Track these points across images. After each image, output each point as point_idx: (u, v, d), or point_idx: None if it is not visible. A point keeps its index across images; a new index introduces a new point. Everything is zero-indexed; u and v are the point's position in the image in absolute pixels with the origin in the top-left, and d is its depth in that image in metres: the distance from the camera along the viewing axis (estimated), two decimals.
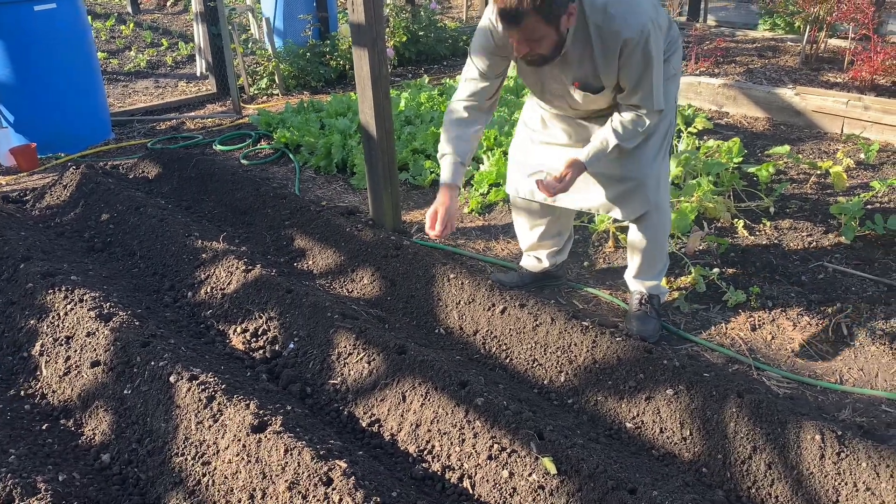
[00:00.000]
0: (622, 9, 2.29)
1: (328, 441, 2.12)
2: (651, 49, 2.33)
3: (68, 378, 2.55)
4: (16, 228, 3.58)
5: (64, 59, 5.07)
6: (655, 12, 2.38)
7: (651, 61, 2.35)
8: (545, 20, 2.18)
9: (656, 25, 2.35)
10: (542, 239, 3.04)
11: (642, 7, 2.33)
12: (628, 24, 2.28)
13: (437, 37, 7.73)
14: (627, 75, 2.40)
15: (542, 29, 2.21)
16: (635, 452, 2.24)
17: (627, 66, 2.37)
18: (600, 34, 2.32)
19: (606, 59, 2.37)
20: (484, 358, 2.71)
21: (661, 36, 2.43)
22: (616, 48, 2.32)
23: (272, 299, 2.89)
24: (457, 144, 2.59)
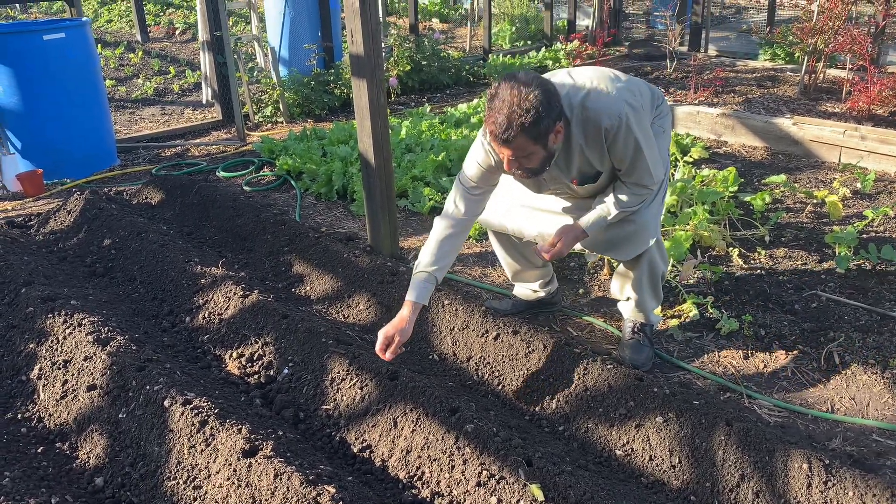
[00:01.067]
0: (598, 101, 2.37)
1: (318, 466, 2.13)
2: (634, 131, 2.39)
3: (65, 402, 2.58)
4: (19, 253, 3.63)
5: (71, 86, 5.17)
6: (631, 95, 2.44)
7: (638, 142, 2.42)
8: (533, 140, 2.27)
9: (634, 107, 2.41)
10: (528, 270, 3.07)
11: (616, 94, 2.40)
12: (605, 113, 2.36)
13: (440, 66, 7.83)
14: (619, 159, 2.47)
15: (530, 147, 2.29)
16: (624, 480, 2.25)
17: (616, 151, 2.44)
18: (583, 130, 2.41)
19: (595, 150, 2.45)
20: (477, 384, 2.73)
21: (645, 113, 2.51)
22: (600, 138, 2.40)
23: (268, 325, 2.92)
24: (440, 263, 2.61)
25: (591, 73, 2.45)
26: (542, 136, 2.27)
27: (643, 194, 2.57)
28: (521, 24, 10.12)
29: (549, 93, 2.24)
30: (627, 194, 2.55)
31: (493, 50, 8.99)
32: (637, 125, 2.40)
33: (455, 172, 4.72)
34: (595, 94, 2.38)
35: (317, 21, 7.34)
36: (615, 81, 2.45)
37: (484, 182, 2.60)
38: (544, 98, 2.21)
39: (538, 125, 2.22)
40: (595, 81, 2.41)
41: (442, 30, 11.23)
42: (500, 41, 9.84)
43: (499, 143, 2.30)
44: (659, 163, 2.54)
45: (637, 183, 2.53)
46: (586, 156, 2.47)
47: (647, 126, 2.48)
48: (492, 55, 8.46)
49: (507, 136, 2.23)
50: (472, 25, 9.91)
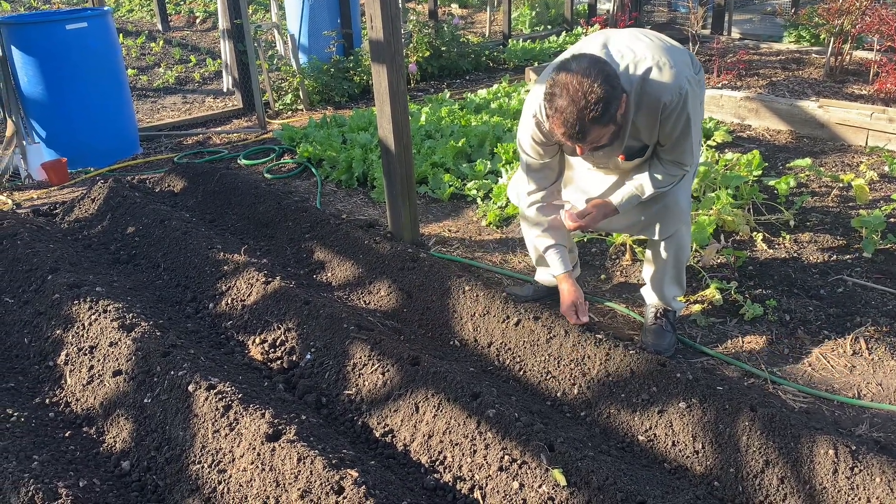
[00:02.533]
0: (660, 76, 2.31)
1: (341, 450, 2.15)
2: (689, 108, 2.35)
3: (91, 387, 2.61)
4: (45, 241, 3.68)
5: (94, 76, 5.21)
6: (689, 69, 2.38)
7: (689, 120, 2.37)
8: (604, 125, 2.23)
9: (694, 82, 2.36)
10: None
11: (678, 67, 2.33)
12: (667, 87, 2.31)
13: (459, 52, 7.80)
14: (667, 134, 2.43)
15: (603, 131, 2.26)
16: (647, 465, 2.24)
17: (667, 127, 2.39)
18: (640, 103, 2.34)
19: (647, 123, 2.40)
20: (498, 370, 2.72)
21: (700, 88, 2.46)
22: (657, 112, 2.35)
23: (290, 311, 2.94)
24: (552, 233, 2.73)
25: (648, 43, 2.37)
26: (612, 118, 2.23)
27: (677, 174, 2.54)
28: (542, 8, 10.04)
29: (609, 76, 2.19)
30: (662, 173, 2.52)
31: (512, 35, 8.94)
32: (693, 102, 2.36)
33: (475, 158, 4.70)
34: (657, 69, 2.31)
35: (336, 8, 7.33)
36: (675, 52, 2.39)
37: (547, 152, 2.60)
38: (607, 84, 2.17)
39: (607, 112, 2.18)
40: (656, 53, 2.34)
41: (461, 15, 11.16)
42: (519, 26, 9.78)
43: (573, 141, 2.27)
44: (699, 142, 2.50)
45: (675, 161, 2.50)
46: (636, 127, 2.41)
47: (698, 103, 2.43)
48: (511, 40, 8.41)
49: (582, 133, 2.21)
50: (492, 10, 9.85)
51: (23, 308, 3.14)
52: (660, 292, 2.84)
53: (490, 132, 4.80)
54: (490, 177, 4.42)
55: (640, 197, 2.58)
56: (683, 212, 2.64)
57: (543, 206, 2.73)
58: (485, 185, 4.28)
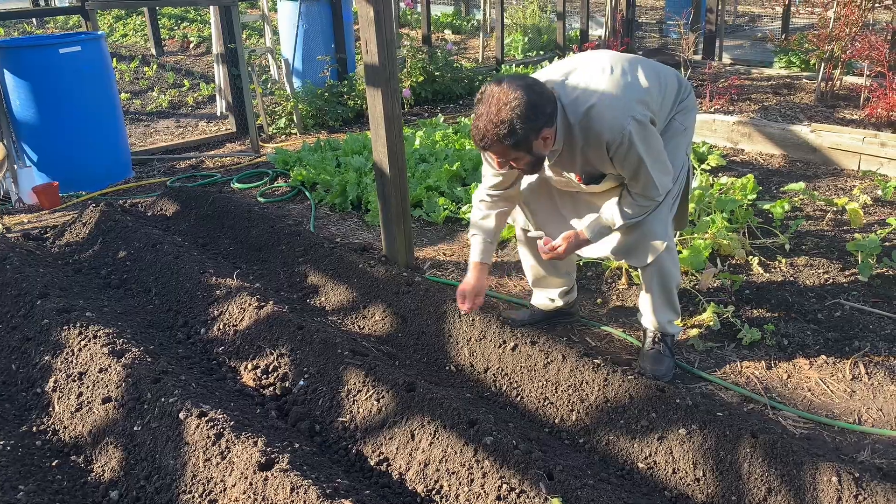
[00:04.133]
0: (602, 111, 2.35)
1: (335, 479, 2.10)
2: (637, 146, 2.36)
3: (80, 414, 2.56)
4: (35, 265, 3.64)
5: (87, 100, 5.19)
6: (642, 106, 2.39)
7: (641, 158, 2.39)
8: (512, 148, 2.31)
9: (641, 122, 2.37)
10: (550, 276, 3.03)
11: (623, 106, 2.36)
12: (608, 127, 2.35)
13: (453, 77, 7.83)
14: (622, 169, 2.47)
15: (511, 153, 2.34)
16: (647, 493, 2.20)
17: (619, 163, 2.43)
18: (585, 136, 2.40)
19: (597, 156, 2.45)
20: (494, 396, 2.69)
21: (658, 122, 2.49)
22: (602, 147, 2.40)
23: (283, 336, 2.90)
24: (484, 224, 2.78)
25: (607, 77, 2.40)
26: (521, 145, 2.29)
27: (648, 205, 2.55)
28: (534, 34, 10.12)
29: (531, 104, 2.23)
30: (631, 206, 2.54)
31: (505, 60, 8.99)
32: (641, 140, 2.37)
33: (469, 182, 4.69)
34: (601, 105, 2.35)
35: (330, 33, 7.36)
36: (630, 89, 2.40)
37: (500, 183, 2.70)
38: (525, 110, 2.22)
39: (513, 136, 2.25)
40: (607, 88, 2.37)
41: (454, 41, 11.23)
42: (512, 52, 9.84)
43: (480, 149, 2.39)
44: (666, 173, 2.50)
45: (642, 194, 2.51)
46: (588, 158, 2.47)
47: (653, 140, 2.43)
48: (504, 65, 8.45)
49: (483, 144, 2.32)
50: (485, 36, 9.92)
51: (11, 333, 3.09)
52: (653, 317, 2.82)
53: None
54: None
55: (610, 228, 2.60)
56: (659, 239, 2.62)
57: (489, 203, 2.77)
58: None
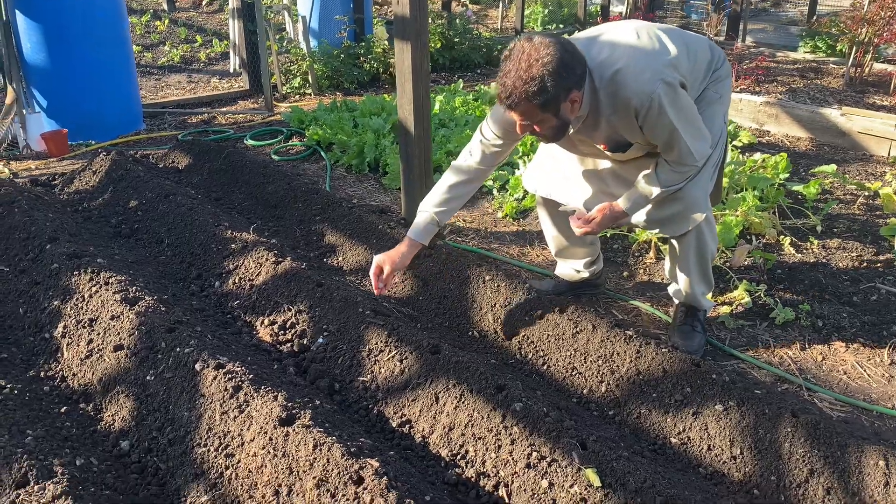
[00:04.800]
0: (629, 75, 2.22)
1: (358, 439, 2.01)
2: (668, 111, 2.24)
3: (90, 361, 2.46)
4: (43, 210, 3.52)
5: (100, 46, 5.05)
6: (672, 69, 2.26)
7: (672, 123, 2.26)
8: (539, 108, 2.18)
9: (669, 84, 2.23)
10: (574, 246, 2.91)
11: (651, 68, 2.23)
12: (636, 91, 2.22)
13: (471, 45, 7.67)
14: (653, 137, 2.34)
15: (538, 115, 2.21)
16: (681, 469, 2.11)
17: (649, 130, 2.30)
18: (612, 103, 2.27)
19: (624, 124, 2.32)
20: (520, 363, 2.59)
21: (690, 88, 2.35)
22: (630, 114, 2.27)
23: (302, 293, 2.79)
24: (444, 206, 2.66)
25: (634, 41, 2.28)
26: (549, 106, 2.17)
27: (686, 172, 2.41)
28: (554, 6, 9.93)
29: (563, 62, 2.11)
30: (668, 173, 2.40)
31: (524, 32, 8.81)
32: (672, 105, 2.24)
33: None
34: (628, 69, 2.22)
35: None
36: (658, 54, 2.27)
37: (506, 136, 2.53)
38: (557, 67, 2.10)
39: (543, 93, 2.12)
40: (635, 53, 2.25)
41: (474, 10, 11.03)
42: (531, 23, 9.66)
43: (504, 108, 2.23)
44: (702, 138, 2.37)
45: (677, 161, 2.38)
46: (615, 126, 2.34)
47: (684, 104, 2.30)
48: None
49: (511, 102, 2.17)
50: (504, 7, 9.72)
51: (19, 277, 2.98)
52: (687, 290, 2.71)
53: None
54: (506, 168, 4.29)
55: (648, 198, 2.46)
56: (699, 207, 2.50)
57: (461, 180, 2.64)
58: (501, 176, 4.15)
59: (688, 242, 2.58)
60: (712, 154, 2.49)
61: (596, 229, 2.51)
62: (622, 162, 2.56)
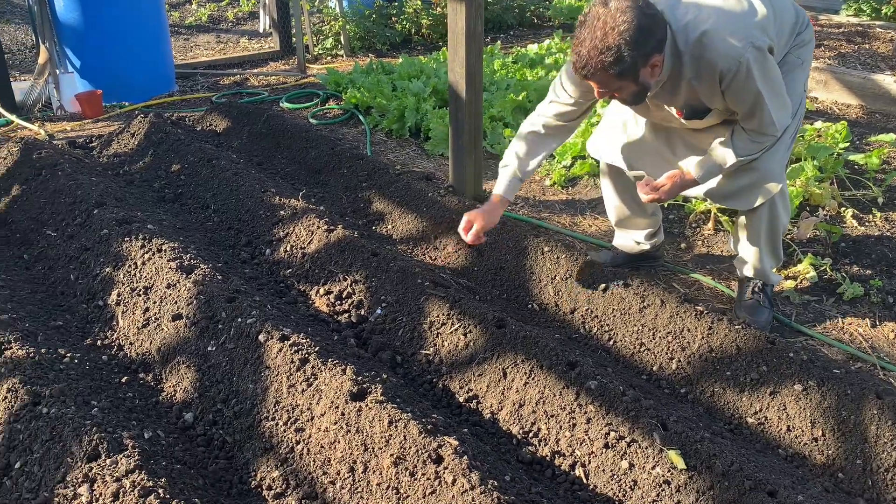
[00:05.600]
0: (717, 37, 2.11)
1: (430, 415, 1.96)
2: (755, 77, 2.13)
3: (147, 330, 2.42)
4: (86, 174, 3.47)
5: (134, 3, 4.94)
6: (761, 32, 2.15)
7: (759, 90, 2.16)
8: (617, 77, 2.11)
9: (760, 49, 2.13)
10: (637, 216, 2.83)
11: (741, 31, 2.12)
12: (723, 54, 2.12)
13: (503, 6, 7.48)
14: (735, 103, 2.24)
15: (615, 83, 2.14)
16: (760, 451, 2.05)
17: (733, 96, 2.20)
18: (695, 65, 2.17)
19: (706, 88, 2.22)
20: (584, 338, 2.53)
21: (777, 52, 2.24)
22: (714, 78, 2.17)
23: (357, 262, 2.73)
24: (524, 161, 2.60)
25: (721, 1, 2.17)
26: (627, 73, 2.09)
27: (763, 142, 2.32)
28: None
29: (641, 28, 2.02)
30: (745, 142, 2.31)
31: None
32: (760, 70, 2.14)
33: None
34: (716, 31, 2.12)
35: None
36: (747, 15, 2.16)
37: (583, 97, 2.46)
38: (634, 34, 2.01)
39: (620, 63, 2.04)
40: (723, 14, 2.14)
41: None
42: None
43: (579, 76, 2.16)
44: (785, 108, 2.27)
45: (757, 130, 2.28)
46: (695, 91, 2.24)
47: (772, 70, 2.19)
48: None
49: (586, 72, 2.11)
50: None
51: (67, 243, 2.94)
52: (755, 264, 2.63)
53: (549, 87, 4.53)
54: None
55: (721, 167, 2.37)
56: (775, 180, 2.41)
57: (540, 135, 2.58)
58: None
59: (759, 216, 2.49)
60: (791, 124, 2.39)
61: (664, 197, 2.43)
62: (695, 130, 2.46)
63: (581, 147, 3.82)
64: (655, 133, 2.59)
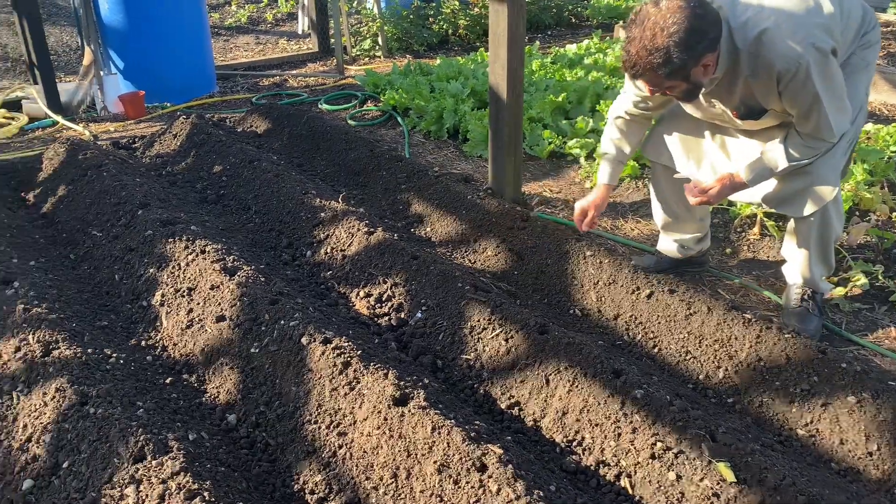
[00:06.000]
0: (776, 37, 2.07)
1: (473, 422, 1.94)
2: (814, 79, 2.08)
3: (191, 332, 2.44)
4: (130, 174, 3.52)
5: (177, 6, 5.00)
6: (824, 34, 2.09)
7: (817, 93, 2.10)
8: (666, 78, 2.11)
9: (820, 50, 2.07)
10: (685, 220, 2.78)
11: (802, 31, 2.06)
12: (782, 55, 2.07)
13: (540, 5, 7.43)
14: (792, 105, 2.19)
15: (665, 83, 2.14)
16: (811, 464, 1.99)
17: (790, 97, 2.15)
18: (752, 64, 2.13)
19: (762, 88, 2.18)
20: (628, 345, 2.49)
21: (839, 54, 2.18)
22: (771, 78, 2.12)
23: (396, 265, 2.73)
24: (621, 145, 2.66)
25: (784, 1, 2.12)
26: (677, 74, 2.07)
27: (818, 147, 2.26)
28: None
29: (693, 30, 2.00)
30: (800, 147, 2.25)
31: None
32: (819, 73, 2.08)
33: (573, 115, 4.41)
34: (777, 30, 2.07)
35: None
36: (811, 14, 2.11)
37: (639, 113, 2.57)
38: (684, 36, 2.00)
39: (668, 65, 2.03)
40: (785, 12, 2.09)
41: None
42: None
43: (629, 75, 2.17)
44: (844, 112, 2.21)
45: (812, 135, 2.22)
46: (752, 90, 2.20)
47: (833, 73, 2.13)
48: None
49: (634, 72, 2.13)
50: None
51: (112, 243, 2.98)
52: (805, 271, 2.56)
53: (590, 88, 4.50)
54: (592, 135, 4.13)
55: (772, 171, 2.31)
56: (829, 188, 2.34)
57: (626, 121, 2.63)
58: (587, 143, 4.00)
59: (811, 223, 2.42)
60: (849, 130, 2.32)
61: (713, 200, 2.41)
62: (750, 134, 2.41)
63: None
64: (711, 136, 2.55)
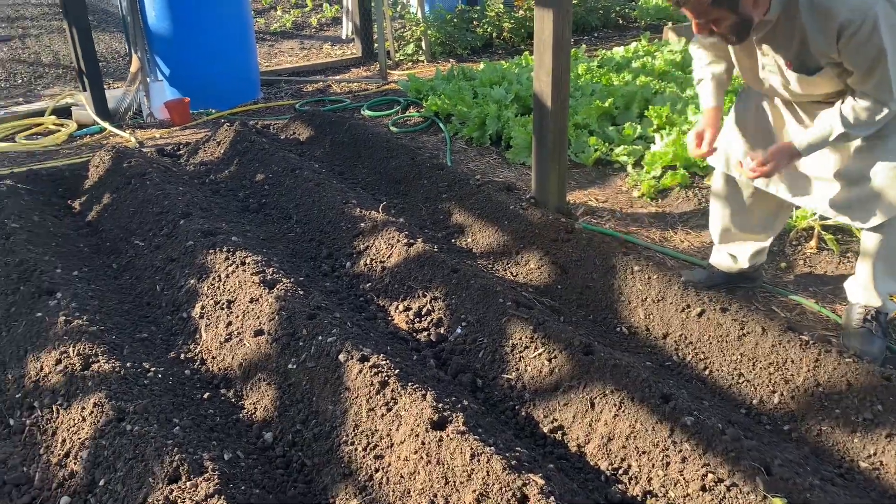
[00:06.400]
0: None
1: (514, 448, 1.87)
2: (880, 33, 1.93)
3: (229, 345, 2.42)
4: (173, 183, 3.53)
5: (222, 13, 5.04)
6: None
7: (882, 48, 1.95)
8: (713, 4, 1.98)
9: (891, 1, 1.94)
10: (744, 231, 2.65)
11: None
12: (846, 4, 1.93)
13: (587, 7, 7.31)
14: (853, 62, 2.04)
15: (711, 12, 2.01)
16: (876, 500, 1.87)
17: (851, 52, 2.01)
18: (812, 12, 2.00)
19: (821, 39, 2.03)
20: (677, 366, 2.38)
21: None
22: (831, 30, 1.98)
23: (436, 278, 2.67)
24: (712, 68, 2.49)
25: None
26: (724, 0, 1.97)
27: (876, 112, 2.09)
28: None
29: None
30: (855, 110, 2.11)
31: None
32: (888, 26, 1.94)
33: (620, 121, 4.30)
34: None
35: None
36: None
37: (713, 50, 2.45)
38: None
39: None
40: None
41: None
42: None
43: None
44: None
45: (872, 95, 2.07)
46: (808, 41, 2.06)
47: None
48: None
49: None
50: None
51: (154, 253, 2.99)
52: (869, 288, 2.42)
53: (638, 93, 4.38)
54: (639, 142, 4.02)
55: (827, 139, 2.17)
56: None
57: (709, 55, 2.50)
58: (635, 150, 3.88)
59: (877, 235, 2.28)
60: None
61: (773, 171, 2.26)
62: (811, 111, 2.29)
63: (672, 157, 3.65)
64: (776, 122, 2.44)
